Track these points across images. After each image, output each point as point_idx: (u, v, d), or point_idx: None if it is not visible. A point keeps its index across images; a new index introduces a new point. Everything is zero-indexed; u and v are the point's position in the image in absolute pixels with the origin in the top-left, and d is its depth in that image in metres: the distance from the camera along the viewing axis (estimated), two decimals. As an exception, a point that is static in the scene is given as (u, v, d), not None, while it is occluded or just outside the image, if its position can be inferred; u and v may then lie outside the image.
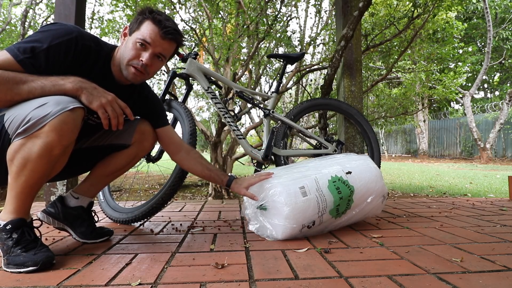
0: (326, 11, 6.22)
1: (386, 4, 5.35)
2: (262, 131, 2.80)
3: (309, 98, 4.65)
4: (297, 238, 1.34)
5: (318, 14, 6.31)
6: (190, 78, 1.90)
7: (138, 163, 1.53)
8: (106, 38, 7.37)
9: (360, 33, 2.79)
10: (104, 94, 1.05)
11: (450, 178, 5.73)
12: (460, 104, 16.84)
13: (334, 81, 2.62)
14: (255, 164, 1.98)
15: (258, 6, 4.10)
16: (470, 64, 11.82)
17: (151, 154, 1.77)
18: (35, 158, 0.96)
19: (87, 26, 6.85)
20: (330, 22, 5.99)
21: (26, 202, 1.02)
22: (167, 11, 4.24)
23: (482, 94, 19.78)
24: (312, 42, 5.26)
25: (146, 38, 1.13)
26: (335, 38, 3.42)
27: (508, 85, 16.30)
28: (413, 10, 4.02)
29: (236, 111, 2.03)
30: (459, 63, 8.65)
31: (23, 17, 5.95)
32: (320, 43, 6.00)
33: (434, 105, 17.07)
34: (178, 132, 1.54)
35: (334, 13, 4.29)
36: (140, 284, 0.89)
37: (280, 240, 1.32)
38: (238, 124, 2.05)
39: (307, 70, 4.84)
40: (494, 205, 2.24)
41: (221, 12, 4.36)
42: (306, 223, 1.31)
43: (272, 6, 5.03)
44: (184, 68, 1.86)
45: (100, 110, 1.03)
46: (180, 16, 4.00)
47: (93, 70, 1.14)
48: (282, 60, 2.14)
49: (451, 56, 5.72)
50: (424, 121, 14.26)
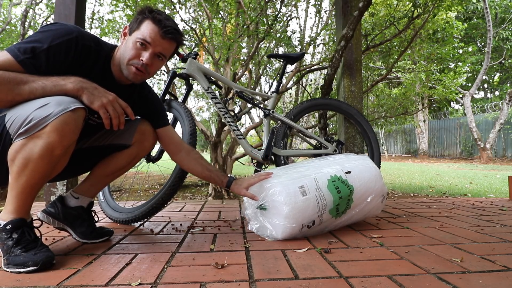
0: (326, 11, 6.22)
1: (386, 4, 5.36)
2: (262, 131, 2.80)
3: (309, 98, 4.65)
4: (297, 238, 1.34)
5: (318, 14, 6.31)
6: (190, 78, 1.90)
7: (138, 163, 1.53)
8: (106, 38, 7.37)
9: (360, 33, 2.80)
10: (105, 94, 1.05)
11: (450, 178, 5.73)
12: (460, 104, 16.85)
13: (334, 81, 2.62)
14: (255, 164, 1.98)
15: (258, 6, 4.10)
16: (470, 64, 11.81)
17: (151, 154, 1.77)
18: (36, 159, 0.96)
19: (87, 26, 6.85)
20: (330, 22, 5.99)
21: (26, 202, 1.02)
22: (167, 11, 4.24)
23: (482, 94, 19.79)
24: (312, 42, 5.26)
25: (146, 37, 1.13)
26: (335, 38, 3.42)
27: (508, 85, 16.30)
28: (413, 10, 4.02)
29: (236, 111, 2.03)
30: (459, 63, 8.64)
31: (23, 17, 5.95)
32: (320, 43, 6.00)
33: (434, 105, 17.07)
34: (178, 132, 1.54)
35: (334, 13, 4.29)
36: (140, 284, 0.89)
37: (280, 240, 1.32)
38: (238, 124, 2.06)
39: (307, 70, 4.84)
40: (494, 205, 2.24)
41: (221, 12, 4.36)
42: (306, 223, 1.31)
43: (272, 6, 5.03)
44: (184, 68, 1.86)
45: (101, 110, 1.04)
46: (180, 16, 4.00)
47: (93, 70, 1.14)
48: (282, 60, 2.14)
49: (451, 56, 5.72)
50: (424, 121, 14.26)
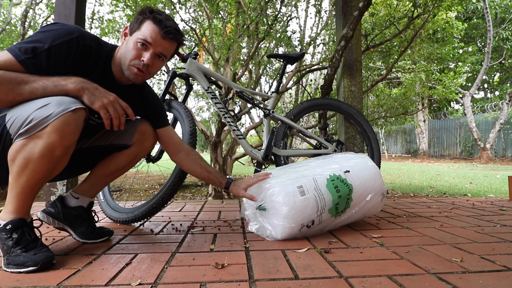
0: (326, 11, 6.22)
1: (386, 4, 5.36)
2: (262, 131, 2.80)
3: (309, 98, 4.65)
4: (297, 238, 1.34)
5: (318, 14, 6.31)
6: (190, 78, 1.90)
7: (138, 163, 1.53)
8: (106, 38, 7.37)
9: (360, 33, 2.80)
10: (105, 94, 1.05)
11: (450, 178, 5.73)
12: (460, 104, 16.85)
13: (334, 81, 2.62)
14: (255, 164, 1.98)
15: (258, 6, 4.10)
16: (470, 64, 11.81)
17: (151, 154, 1.78)
18: (37, 159, 0.96)
19: (87, 26, 6.85)
20: (330, 22, 5.99)
21: (26, 202, 1.02)
22: (167, 11, 4.24)
23: (482, 94, 19.79)
24: (312, 42, 5.26)
25: (147, 38, 1.12)
26: (335, 38, 3.42)
27: (508, 85, 16.30)
28: (413, 10, 4.02)
29: (236, 111, 2.03)
30: (459, 63, 8.65)
31: (23, 17, 5.95)
32: (320, 43, 6.00)
33: (434, 105, 17.07)
34: (178, 132, 1.54)
35: (334, 13, 4.29)
36: (140, 284, 0.89)
37: (280, 240, 1.32)
38: (238, 124, 2.06)
39: (307, 70, 4.85)
40: (494, 205, 2.24)
41: (221, 12, 4.36)
42: (305, 223, 1.31)
43: (272, 6, 5.03)
44: (184, 68, 1.86)
45: (102, 110, 1.04)
46: (180, 16, 4.00)
47: (94, 70, 1.14)
48: (282, 60, 2.14)
49: (451, 56, 5.72)
50: (424, 121, 14.26)
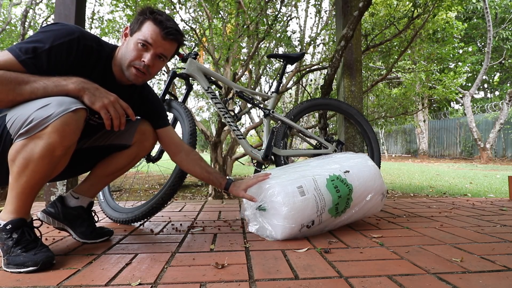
0: (326, 11, 6.22)
1: (386, 4, 5.36)
2: (262, 131, 2.80)
3: (309, 98, 4.65)
4: (297, 238, 1.34)
5: (318, 14, 6.31)
6: (190, 78, 1.90)
7: (138, 163, 1.53)
8: (106, 38, 7.37)
9: (360, 33, 2.80)
10: (106, 94, 1.05)
11: (450, 178, 5.73)
12: (460, 104, 16.84)
13: (334, 81, 2.62)
14: (255, 164, 1.98)
15: (258, 6, 4.10)
16: (470, 64, 11.82)
17: (151, 154, 1.78)
18: (37, 159, 0.96)
19: (87, 26, 6.85)
20: (330, 22, 5.99)
21: (26, 202, 1.02)
22: (167, 11, 4.24)
23: (482, 94, 19.79)
24: (312, 42, 5.27)
25: (148, 39, 1.12)
26: (335, 38, 3.42)
27: (508, 85, 16.30)
28: (413, 10, 4.02)
29: (236, 111, 2.03)
30: (459, 63, 8.65)
31: (23, 17, 5.95)
32: (320, 43, 6.00)
33: (434, 105, 17.07)
34: (178, 132, 1.54)
35: (334, 13, 4.29)
36: (140, 284, 0.89)
37: (280, 240, 1.32)
38: (238, 124, 2.06)
39: (307, 70, 4.85)
40: (494, 205, 2.24)
41: (221, 12, 4.36)
42: (305, 223, 1.31)
43: (272, 6, 5.03)
44: (184, 68, 1.86)
45: (102, 110, 1.03)
46: (180, 16, 4.00)
47: (94, 70, 1.14)
48: (282, 60, 2.14)
49: (451, 56, 5.72)
50: (424, 121, 14.26)
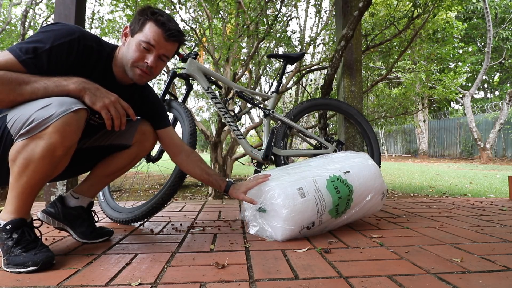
0: (326, 11, 6.22)
1: (386, 4, 5.36)
2: (262, 131, 2.80)
3: (309, 98, 4.65)
4: (297, 238, 1.34)
5: (318, 14, 6.31)
6: (190, 78, 1.90)
7: (138, 163, 1.53)
8: (106, 38, 7.38)
9: (360, 33, 2.80)
10: (107, 94, 1.05)
11: (450, 178, 5.73)
12: (460, 104, 16.84)
13: (334, 81, 2.62)
14: (255, 164, 1.98)
15: (258, 6, 4.10)
16: (470, 64, 11.82)
17: (151, 154, 1.78)
18: (38, 159, 0.96)
19: (87, 26, 6.85)
20: (330, 22, 6.00)
21: (27, 202, 1.02)
22: (167, 11, 4.24)
23: (482, 94, 19.79)
24: (312, 42, 5.27)
25: (150, 40, 1.13)
26: (335, 38, 3.42)
27: (508, 85, 16.30)
28: (413, 10, 4.02)
29: (236, 111, 2.03)
30: (459, 63, 8.65)
31: (23, 17, 5.95)
32: (320, 43, 6.00)
33: (434, 105, 17.07)
34: (178, 132, 1.54)
35: (334, 13, 4.29)
36: (140, 284, 0.89)
37: (280, 241, 1.32)
38: (238, 124, 2.06)
39: (307, 70, 4.85)
40: (494, 205, 2.24)
41: (221, 12, 4.37)
42: (305, 224, 1.31)
43: (272, 6, 5.03)
44: (184, 68, 1.86)
45: (103, 110, 1.03)
46: (180, 16, 4.00)
47: (94, 70, 1.14)
48: (282, 60, 2.14)
49: (451, 56, 5.72)
50: (424, 121, 14.26)
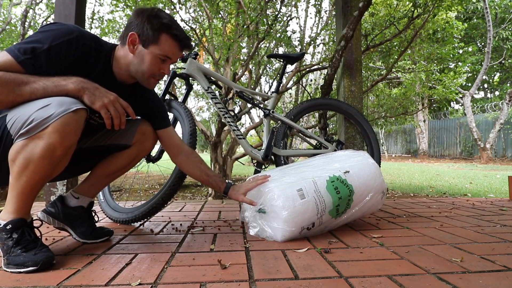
0: (326, 11, 6.22)
1: (386, 4, 5.36)
2: (262, 131, 2.80)
3: (309, 98, 4.65)
4: (297, 238, 1.34)
5: (318, 14, 6.31)
6: (190, 78, 1.90)
7: (138, 163, 1.53)
8: (106, 38, 7.38)
9: (360, 33, 2.80)
10: (106, 94, 1.05)
11: (450, 178, 5.73)
12: (460, 104, 16.84)
13: (334, 81, 2.62)
14: (255, 164, 1.98)
15: (258, 6, 4.10)
16: (470, 64, 11.82)
17: (151, 154, 1.78)
18: (37, 159, 0.96)
19: (87, 26, 6.85)
20: (330, 22, 6.00)
21: (26, 202, 1.02)
22: (167, 11, 4.24)
23: (482, 94, 19.79)
24: (312, 42, 5.27)
25: (169, 54, 1.18)
26: (335, 38, 3.42)
27: (508, 85, 16.30)
28: (413, 10, 4.02)
29: (236, 111, 2.03)
30: (459, 63, 8.66)
31: (23, 17, 5.95)
32: (320, 43, 6.01)
33: (434, 105, 17.06)
34: (178, 132, 1.54)
35: (334, 13, 4.29)
36: (140, 284, 0.89)
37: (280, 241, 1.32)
38: (238, 124, 2.06)
39: (307, 70, 4.85)
40: (494, 205, 2.24)
41: (221, 12, 4.37)
42: (305, 225, 1.31)
43: (272, 6, 5.03)
44: (184, 68, 1.86)
45: (102, 110, 1.04)
46: (180, 16, 4.00)
47: (94, 70, 1.14)
48: (282, 60, 2.14)
49: (451, 56, 5.73)
50: (424, 121, 14.26)
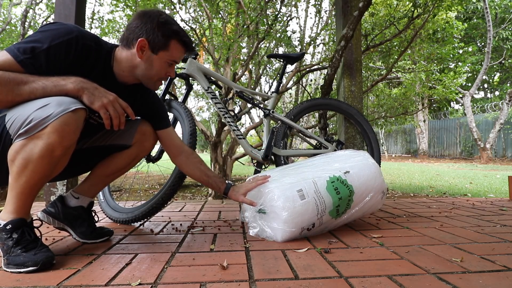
0: (326, 11, 6.22)
1: (386, 4, 5.36)
2: (262, 131, 2.80)
3: (309, 98, 4.65)
4: (297, 238, 1.34)
5: (318, 14, 6.31)
6: (190, 78, 1.90)
7: (138, 163, 1.53)
8: (106, 38, 7.38)
9: (360, 33, 2.80)
10: (105, 94, 1.05)
11: (450, 178, 5.73)
12: (460, 104, 16.84)
13: (334, 81, 2.62)
14: (255, 164, 1.98)
15: (258, 6, 4.10)
16: (470, 64, 11.82)
17: (151, 154, 1.78)
18: (36, 159, 0.96)
19: (87, 26, 6.85)
20: (330, 22, 6.00)
21: (26, 202, 1.02)
22: (167, 11, 4.24)
23: (482, 94, 19.79)
24: (312, 42, 5.27)
25: (177, 59, 1.24)
26: (335, 38, 3.42)
27: (508, 85, 16.30)
28: (413, 10, 4.02)
29: (236, 111, 2.03)
30: (459, 63, 8.66)
31: (23, 17, 5.95)
32: (320, 43, 6.01)
33: (434, 105, 17.06)
34: (178, 132, 1.54)
35: (334, 13, 4.29)
36: (140, 284, 0.89)
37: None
38: (238, 124, 2.06)
39: (307, 70, 4.85)
40: (494, 205, 2.24)
41: (221, 12, 4.37)
42: (305, 226, 1.31)
43: (272, 6, 5.03)
44: (184, 68, 1.86)
45: (101, 110, 1.03)
46: (180, 16, 4.00)
47: (93, 70, 1.14)
48: (282, 60, 2.14)
49: (451, 56, 5.73)
50: (424, 121, 14.26)
